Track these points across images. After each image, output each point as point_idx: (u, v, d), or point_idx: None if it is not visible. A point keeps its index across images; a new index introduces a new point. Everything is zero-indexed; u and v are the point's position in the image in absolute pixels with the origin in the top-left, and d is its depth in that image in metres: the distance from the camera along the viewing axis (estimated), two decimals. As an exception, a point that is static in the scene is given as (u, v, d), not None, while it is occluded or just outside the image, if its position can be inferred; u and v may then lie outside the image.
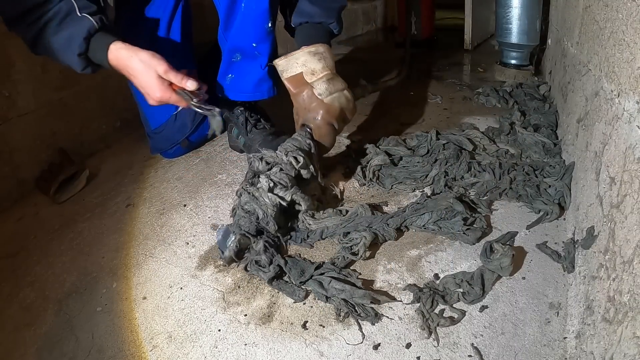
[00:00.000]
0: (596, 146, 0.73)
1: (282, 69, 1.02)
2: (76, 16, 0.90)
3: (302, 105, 1.00)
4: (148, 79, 0.92)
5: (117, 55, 0.92)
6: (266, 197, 0.87)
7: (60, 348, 0.72)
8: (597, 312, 0.57)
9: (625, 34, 0.62)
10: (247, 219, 0.86)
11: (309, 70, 0.99)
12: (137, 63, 0.91)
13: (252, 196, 0.88)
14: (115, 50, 0.92)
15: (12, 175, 1.15)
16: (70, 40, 0.90)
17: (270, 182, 0.89)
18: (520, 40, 1.63)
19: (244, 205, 0.88)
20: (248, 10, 0.98)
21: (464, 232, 0.84)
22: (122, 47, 0.92)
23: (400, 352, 0.65)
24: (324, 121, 0.98)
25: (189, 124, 1.26)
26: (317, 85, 0.98)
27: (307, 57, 0.99)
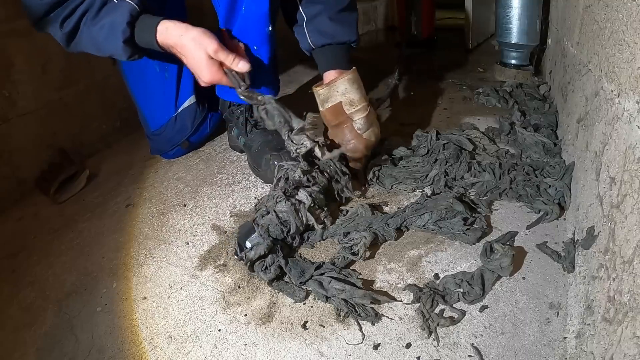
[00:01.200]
0: (596, 146, 0.73)
1: (323, 99, 1.01)
2: (113, 3, 0.87)
3: (340, 137, 1.01)
4: (198, 59, 0.87)
5: (166, 35, 0.87)
6: (305, 215, 0.87)
7: (60, 348, 0.72)
8: (597, 312, 0.57)
9: (625, 34, 0.62)
10: (279, 227, 0.84)
11: (348, 100, 0.98)
12: (188, 41, 0.86)
13: (294, 209, 0.86)
14: (164, 30, 0.87)
15: (12, 175, 1.15)
16: (113, 27, 0.86)
17: (312, 202, 0.89)
18: (520, 40, 1.63)
19: (280, 213, 0.86)
20: (248, 13, 0.98)
21: (464, 232, 0.84)
22: (170, 25, 0.87)
23: (400, 352, 0.65)
24: (361, 155, 1.02)
25: (189, 125, 1.26)
26: (357, 119, 0.99)
27: (347, 86, 0.98)
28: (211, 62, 0.87)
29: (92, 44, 0.90)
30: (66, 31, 0.88)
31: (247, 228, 0.87)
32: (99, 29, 0.87)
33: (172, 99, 1.22)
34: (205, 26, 0.90)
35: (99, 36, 0.88)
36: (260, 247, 0.80)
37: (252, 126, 1.18)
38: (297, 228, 0.85)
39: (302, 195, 0.89)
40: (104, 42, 0.89)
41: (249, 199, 1.06)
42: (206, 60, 0.87)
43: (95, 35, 0.88)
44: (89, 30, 0.88)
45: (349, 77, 0.98)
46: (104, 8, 0.87)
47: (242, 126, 1.18)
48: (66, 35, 0.89)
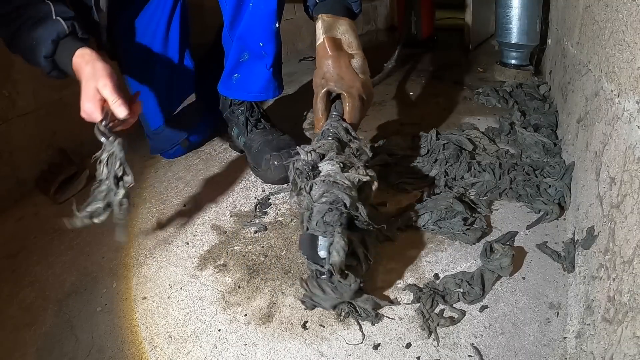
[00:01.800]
0: (596, 146, 0.73)
1: (326, 26, 0.93)
2: (51, 19, 0.89)
3: (335, 70, 0.91)
4: (86, 89, 0.87)
5: (79, 60, 0.87)
6: (344, 178, 0.73)
7: (60, 348, 0.72)
8: (597, 312, 0.57)
9: (625, 34, 0.62)
10: (335, 210, 0.70)
11: (347, 41, 0.93)
12: (88, 69, 0.86)
13: (329, 182, 0.72)
14: (80, 55, 0.87)
15: (12, 175, 1.15)
16: (40, 41, 0.88)
17: (340, 164, 0.76)
18: (520, 40, 1.63)
19: (322, 198, 0.72)
20: (256, 10, 0.98)
21: (464, 232, 0.84)
22: (86, 52, 0.87)
23: (400, 352, 0.65)
24: (358, 93, 0.91)
25: (189, 125, 1.26)
26: (355, 59, 0.93)
27: (347, 28, 0.94)
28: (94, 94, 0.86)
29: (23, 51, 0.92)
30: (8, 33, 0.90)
31: (307, 240, 0.72)
32: (29, 39, 0.90)
33: (172, 98, 1.22)
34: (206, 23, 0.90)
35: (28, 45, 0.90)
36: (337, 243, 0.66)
37: (252, 126, 1.18)
38: (350, 197, 0.72)
39: (325, 166, 0.77)
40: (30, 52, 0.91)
41: (249, 199, 1.06)
42: (92, 92, 0.86)
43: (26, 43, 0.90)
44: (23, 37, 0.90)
45: (350, 23, 0.94)
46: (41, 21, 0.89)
47: (242, 126, 1.18)
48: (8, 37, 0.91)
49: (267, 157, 1.06)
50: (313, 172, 0.78)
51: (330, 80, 0.91)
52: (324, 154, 0.81)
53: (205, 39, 1.34)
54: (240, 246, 0.90)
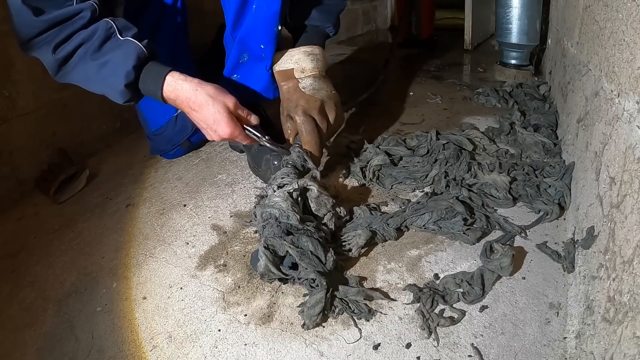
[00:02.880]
0: (596, 146, 0.73)
1: (275, 61, 1.05)
2: (117, 39, 0.82)
3: (285, 95, 1.03)
4: (217, 114, 0.87)
5: (176, 87, 0.85)
6: (274, 196, 0.83)
7: (60, 348, 0.72)
8: (597, 312, 0.57)
9: (625, 34, 0.62)
10: (270, 225, 0.80)
11: (300, 67, 1.03)
12: (203, 97, 0.85)
13: (264, 205, 0.84)
14: (174, 82, 0.85)
15: (12, 175, 1.15)
16: (116, 68, 0.81)
17: (275, 186, 0.87)
18: (520, 40, 1.63)
19: (261, 217, 0.83)
20: (259, 12, 0.99)
21: (464, 232, 0.84)
22: (181, 78, 0.85)
23: (400, 352, 0.65)
24: (302, 110, 0.99)
25: (190, 125, 1.25)
26: (303, 80, 1.03)
27: (301, 56, 1.03)
28: (231, 116, 0.89)
29: (86, 79, 0.85)
30: (58, 57, 0.82)
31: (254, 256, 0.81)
32: (99, 66, 0.82)
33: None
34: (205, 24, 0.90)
35: (98, 73, 0.83)
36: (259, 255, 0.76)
37: (253, 126, 1.18)
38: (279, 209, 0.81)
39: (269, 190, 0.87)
40: (101, 81, 0.84)
41: (249, 199, 1.06)
42: (227, 115, 0.88)
43: (93, 71, 0.83)
44: (86, 64, 0.83)
45: (305, 49, 1.04)
46: (107, 43, 0.82)
47: (243, 126, 1.18)
48: (58, 62, 0.83)
49: (267, 157, 1.07)
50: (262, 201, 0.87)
51: (285, 106, 1.04)
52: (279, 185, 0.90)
53: (205, 39, 1.34)
54: (240, 246, 0.90)
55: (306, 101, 1.00)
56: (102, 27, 0.82)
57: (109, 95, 0.87)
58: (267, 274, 0.76)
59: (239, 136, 0.92)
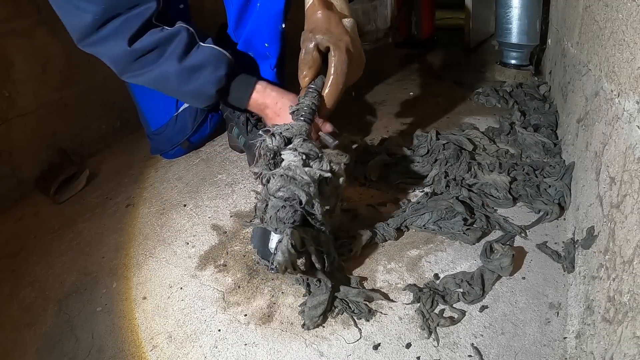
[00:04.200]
0: (596, 146, 0.73)
1: None
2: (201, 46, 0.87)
3: (324, 24, 0.82)
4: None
5: (263, 95, 0.92)
6: (304, 173, 0.69)
7: (60, 348, 0.72)
8: (597, 312, 0.57)
9: (625, 34, 0.62)
10: (288, 208, 0.68)
11: (339, 6, 0.88)
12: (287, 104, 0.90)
13: (287, 177, 0.69)
14: (262, 89, 0.92)
15: (12, 175, 1.15)
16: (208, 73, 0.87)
17: (303, 155, 0.72)
18: (520, 40, 1.63)
19: (278, 192, 0.69)
20: (263, 10, 0.98)
21: (464, 232, 0.84)
22: (268, 86, 0.92)
23: (400, 352, 0.65)
24: (345, 45, 0.82)
25: (190, 126, 1.26)
26: (347, 19, 0.87)
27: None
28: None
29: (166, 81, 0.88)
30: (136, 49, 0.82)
31: (258, 234, 0.72)
32: (188, 71, 0.86)
33: (173, 99, 1.22)
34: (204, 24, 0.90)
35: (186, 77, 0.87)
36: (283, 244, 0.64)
37: (253, 126, 1.18)
38: (307, 194, 0.69)
39: (289, 156, 0.73)
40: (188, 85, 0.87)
41: (249, 199, 1.06)
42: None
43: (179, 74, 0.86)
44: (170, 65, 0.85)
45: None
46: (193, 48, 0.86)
47: (243, 126, 1.18)
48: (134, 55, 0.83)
49: (268, 157, 1.06)
50: (274, 160, 0.75)
51: (318, 33, 0.82)
52: (290, 138, 0.77)
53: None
54: (240, 246, 0.90)
55: (352, 40, 0.84)
56: (184, 32, 0.86)
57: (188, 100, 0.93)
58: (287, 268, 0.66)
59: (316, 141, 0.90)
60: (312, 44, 0.82)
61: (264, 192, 0.73)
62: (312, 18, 0.84)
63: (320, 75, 0.85)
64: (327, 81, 0.83)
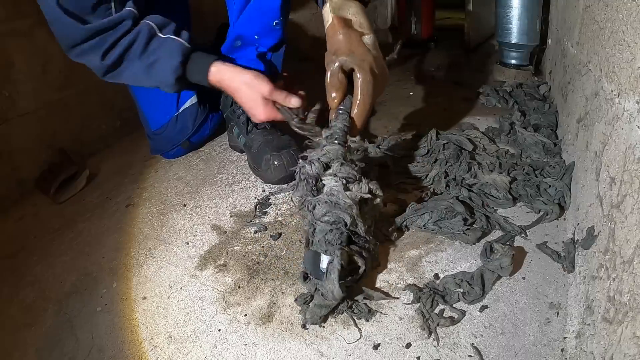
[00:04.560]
0: (596, 146, 0.73)
1: (334, 6, 0.89)
2: (159, 38, 0.91)
3: (346, 45, 0.85)
4: (252, 100, 0.93)
5: (219, 76, 0.94)
6: (346, 197, 0.75)
7: (60, 348, 0.72)
8: (597, 312, 0.57)
9: (625, 34, 0.62)
10: (335, 230, 0.74)
11: (358, 22, 0.89)
12: (241, 85, 0.93)
13: (331, 203, 0.75)
14: (217, 71, 0.94)
15: (12, 175, 1.15)
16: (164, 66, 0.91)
17: (343, 180, 0.77)
18: (520, 40, 1.63)
19: (324, 217, 0.76)
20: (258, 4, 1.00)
21: (464, 232, 0.84)
22: (223, 67, 0.94)
23: (400, 352, 0.65)
24: (370, 66, 0.84)
25: (190, 126, 1.26)
26: (367, 36, 0.88)
27: (358, 9, 0.90)
28: (266, 102, 0.93)
29: (136, 78, 0.95)
30: (108, 63, 0.91)
31: (310, 258, 0.75)
32: (147, 66, 0.91)
33: (174, 99, 1.22)
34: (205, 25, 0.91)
35: (147, 72, 0.92)
36: (333, 264, 0.70)
37: (253, 126, 1.18)
38: (351, 216, 0.75)
39: (330, 181, 0.78)
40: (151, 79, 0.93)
41: (249, 199, 1.06)
42: (262, 101, 0.93)
43: (142, 70, 0.92)
44: (134, 65, 0.91)
45: (360, 5, 0.91)
46: (151, 43, 0.90)
47: (243, 126, 1.18)
48: (107, 67, 0.91)
49: (267, 157, 1.06)
50: (316, 186, 0.80)
51: (341, 54, 0.84)
52: (328, 163, 0.81)
53: (205, 39, 1.34)
54: (240, 246, 0.90)
55: (375, 59, 0.85)
56: (144, 29, 0.90)
57: (160, 88, 0.97)
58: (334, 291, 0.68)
59: (277, 117, 0.95)
60: (336, 66, 0.84)
61: (311, 217, 0.78)
62: (334, 39, 0.87)
63: (347, 95, 0.87)
64: (355, 102, 0.85)
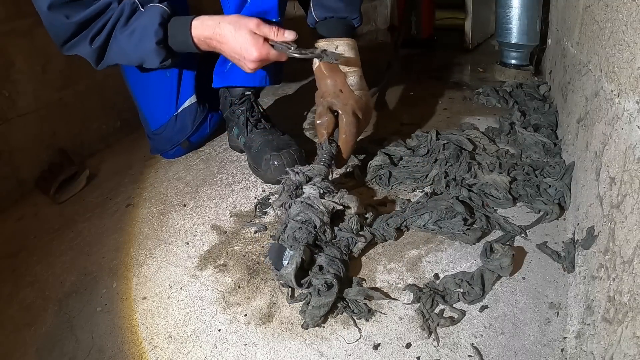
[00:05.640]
0: (596, 146, 0.73)
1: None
2: (141, 11, 0.88)
3: (331, 89, 0.98)
4: (242, 39, 0.86)
5: (202, 28, 0.88)
6: (320, 203, 0.83)
7: (60, 348, 0.72)
8: (597, 312, 0.57)
9: (625, 34, 0.62)
10: (304, 229, 0.80)
11: (345, 59, 0.99)
12: (226, 25, 0.86)
13: (306, 205, 0.83)
14: (200, 24, 0.88)
15: (12, 175, 1.15)
16: (144, 31, 0.87)
17: (320, 190, 0.86)
18: (520, 40, 1.63)
19: (297, 217, 0.82)
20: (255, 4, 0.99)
21: (464, 232, 0.84)
22: (204, 18, 0.88)
23: (400, 352, 0.65)
24: (351, 109, 0.97)
25: (190, 125, 1.26)
26: (350, 76, 1.00)
27: (345, 47, 0.99)
28: (256, 38, 0.87)
29: (122, 53, 0.91)
30: (96, 46, 0.88)
31: (275, 249, 0.81)
32: (128, 35, 0.88)
33: (173, 99, 1.22)
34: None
35: (130, 42, 0.88)
36: (294, 258, 0.75)
37: (253, 126, 1.18)
38: (321, 220, 0.82)
39: (309, 190, 0.87)
40: (135, 48, 0.88)
41: (249, 199, 1.06)
42: (251, 38, 0.86)
43: (125, 42, 0.88)
44: (118, 39, 0.89)
45: (348, 41, 1.00)
46: (132, 16, 0.88)
47: (243, 126, 1.18)
48: (96, 51, 0.89)
49: (267, 157, 1.07)
50: (296, 192, 0.88)
51: (328, 97, 0.98)
52: (311, 177, 0.91)
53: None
54: (240, 246, 0.90)
55: (356, 101, 0.98)
56: (127, 6, 0.87)
57: (145, 60, 0.92)
58: (289, 281, 0.74)
59: (270, 55, 0.89)
60: (324, 108, 0.98)
61: (285, 216, 0.85)
62: (321, 82, 1.00)
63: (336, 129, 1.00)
64: (340, 140, 0.98)
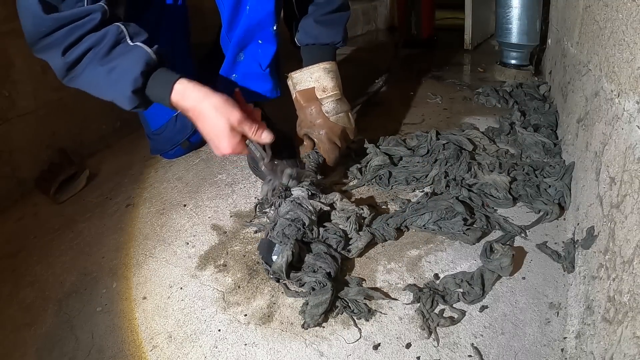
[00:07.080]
0: (596, 146, 0.73)
1: (295, 82, 1.05)
2: (127, 45, 0.80)
3: (307, 118, 1.04)
4: (219, 128, 0.81)
5: (183, 96, 0.81)
6: (309, 203, 0.86)
7: (60, 348, 0.72)
8: (597, 312, 0.57)
9: (625, 34, 0.62)
10: (293, 226, 0.82)
11: (321, 86, 1.03)
12: (208, 108, 0.80)
13: (295, 204, 0.86)
14: (182, 90, 0.81)
15: (12, 175, 1.15)
16: (123, 74, 0.79)
17: (308, 192, 0.90)
18: (520, 40, 1.63)
19: (286, 215, 0.84)
20: (253, 12, 0.98)
21: (464, 232, 0.84)
22: (189, 86, 0.81)
23: (400, 352, 0.65)
24: (326, 137, 1.03)
25: (190, 125, 1.25)
26: (326, 103, 1.03)
27: (321, 74, 1.03)
28: (233, 133, 0.81)
29: (95, 85, 0.83)
30: (68, 61, 0.80)
31: (266, 245, 0.83)
32: (106, 72, 0.80)
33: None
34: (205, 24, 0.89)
35: (106, 79, 0.81)
36: (284, 251, 0.77)
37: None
38: (310, 218, 0.83)
39: (298, 191, 0.91)
40: (109, 87, 0.82)
41: (249, 199, 1.06)
42: (228, 131, 0.81)
43: (102, 77, 0.81)
44: (94, 69, 0.81)
45: (325, 66, 1.03)
46: (116, 48, 0.80)
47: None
48: (67, 65, 0.81)
49: (267, 158, 1.07)
50: (285, 193, 0.92)
51: (305, 126, 1.06)
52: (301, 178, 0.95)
53: (205, 39, 1.34)
54: (240, 246, 0.90)
55: (330, 128, 1.03)
56: (113, 32, 0.80)
57: (116, 101, 0.85)
58: (279, 274, 0.77)
59: (242, 152, 0.86)
60: (303, 135, 1.07)
61: (275, 214, 0.88)
62: (299, 113, 1.07)
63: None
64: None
